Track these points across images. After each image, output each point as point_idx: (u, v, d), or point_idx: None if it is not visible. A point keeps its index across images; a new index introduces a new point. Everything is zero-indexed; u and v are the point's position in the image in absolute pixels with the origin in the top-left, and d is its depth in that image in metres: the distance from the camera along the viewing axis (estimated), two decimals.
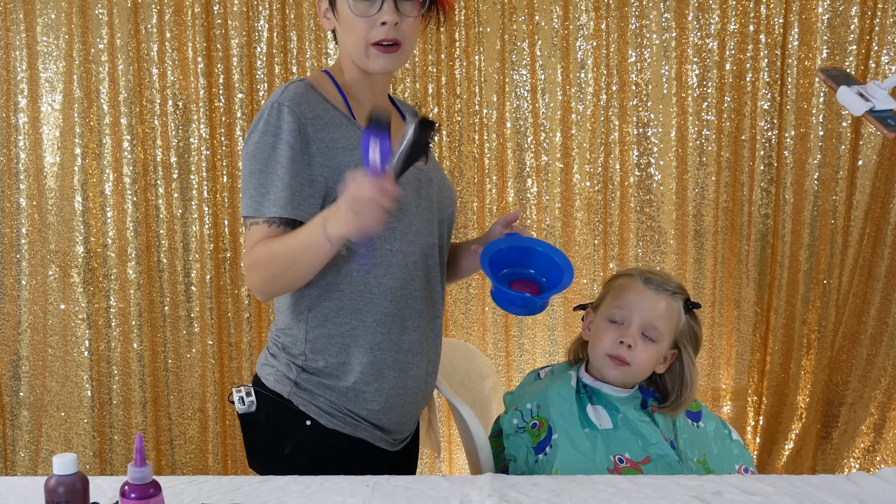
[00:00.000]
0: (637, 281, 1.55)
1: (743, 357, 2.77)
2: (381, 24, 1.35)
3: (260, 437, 1.44)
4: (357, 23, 1.36)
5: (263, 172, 1.31)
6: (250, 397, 1.42)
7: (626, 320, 1.53)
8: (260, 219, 1.31)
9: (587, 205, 2.70)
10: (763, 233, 2.73)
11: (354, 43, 1.38)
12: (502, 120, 2.68)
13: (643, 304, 1.53)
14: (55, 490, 1.00)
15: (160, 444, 2.74)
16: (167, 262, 2.67)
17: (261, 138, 1.32)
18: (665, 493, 1.24)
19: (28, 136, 2.64)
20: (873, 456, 2.73)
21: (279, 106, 1.32)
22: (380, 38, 1.36)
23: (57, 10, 2.59)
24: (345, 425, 1.40)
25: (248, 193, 1.32)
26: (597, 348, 1.55)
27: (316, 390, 1.40)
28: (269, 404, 1.41)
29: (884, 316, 2.70)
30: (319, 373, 1.39)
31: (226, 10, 2.60)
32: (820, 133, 2.64)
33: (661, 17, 2.63)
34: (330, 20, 1.42)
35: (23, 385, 2.70)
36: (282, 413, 1.40)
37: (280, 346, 1.43)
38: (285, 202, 1.30)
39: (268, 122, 1.32)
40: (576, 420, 1.50)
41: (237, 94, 2.63)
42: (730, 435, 1.61)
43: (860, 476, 1.32)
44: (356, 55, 1.39)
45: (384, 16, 1.34)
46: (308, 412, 1.39)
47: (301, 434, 1.40)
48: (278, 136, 1.31)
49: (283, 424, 1.41)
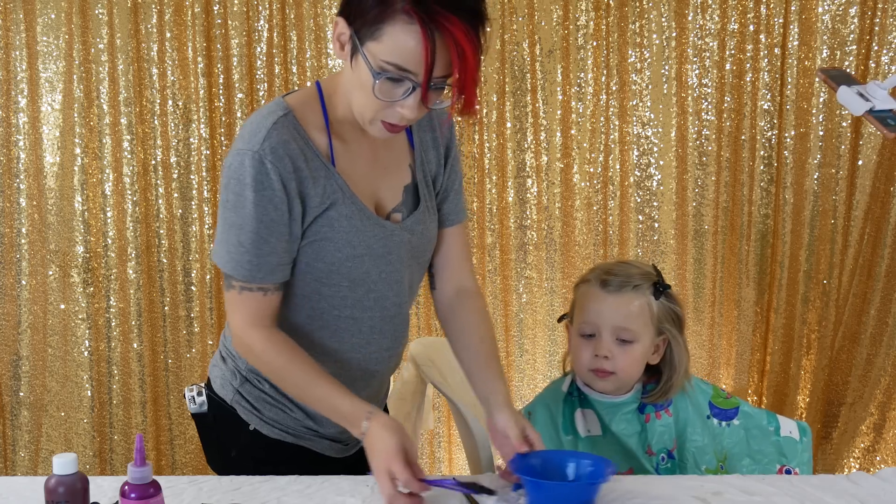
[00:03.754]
0: (595, 287, 1.47)
1: (743, 357, 2.77)
2: (400, 111, 1.18)
3: (210, 438, 1.45)
4: (369, 98, 1.18)
5: (241, 229, 1.22)
6: (201, 397, 1.41)
7: (597, 331, 1.46)
8: (254, 286, 1.25)
9: (587, 205, 2.70)
10: (763, 233, 2.74)
11: (362, 107, 1.20)
12: (502, 120, 2.68)
13: (607, 311, 1.45)
14: (55, 490, 1.00)
15: (160, 444, 2.74)
16: (167, 262, 2.67)
17: (242, 191, 1.20)
18: (665, 493, 1.24)
19: (28, 136, 2.63)
20: (873, 456, 2.73)
21: (260, 159, 1.19)
22: (392, 121, 1.20)
23: (57, 10, 2.59)
24: (286, 435, 1.39)
25: (225, 246, 1.25)
26: (577, 366, 1.50)
27: (256, 403, 1.38)
28: (216, 407, 1.41)
29: (884, 316, 2.70)
30: (261, 384, 1.37)
31: (226, 10, 2.60)
32: (820, 133, 2.64)
33: (661, 17, 2.63)
34: (343, 53, 1.19)
35: (23, 385, 2.70)
36: (226, 417, 1.39)
37: (228, 351, 1.40)
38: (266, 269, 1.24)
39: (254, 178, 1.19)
40: (557, 429, 1.47)
41: (237, 94, 2.63)
42: (777, 431, 1.51)
43: (860, 476, 1.32)
44: (357, 115, 1.23)
45: (408, 109, 1.17)
46: (249, 421, 1.38)
47: (244, 440, 1.39)
48: (262, 193, 1.20)
49: (229, 428, 1.40)
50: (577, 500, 1.16)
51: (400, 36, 1.11)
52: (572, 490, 1.19)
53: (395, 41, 1.12)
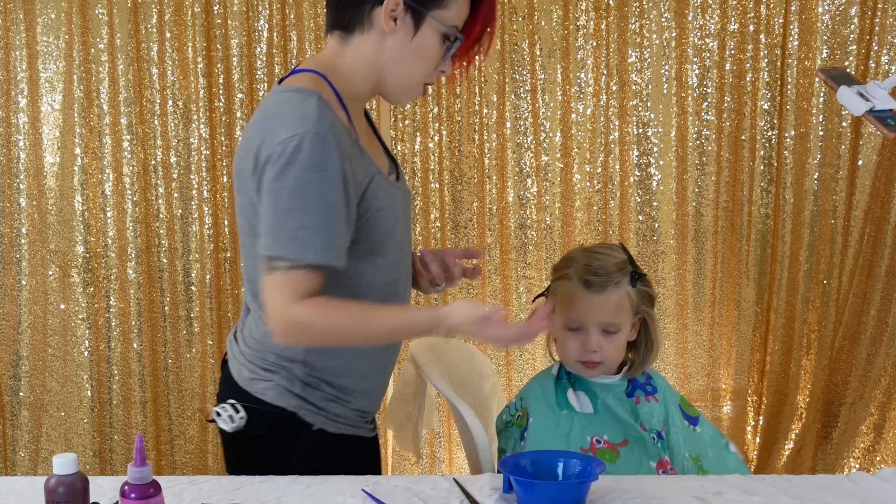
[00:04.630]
0: (578, 287, 1.49)
1: (743, 357, 2.77)
2: (441, 70, 1.35)
3: (258, 451, 1.39)
4: (434, 61, 1.33)
5: (306, 212, 1.21)
6: (240, 413, 1.35)
7: (583, 326, 1.50)
8: (301, 263, 1.22)
9: (587, 205, 2.70)
10: (763, 233, 2.73)
11: (413, 74, 1.34)
12: (502, 120, 2.68)
13: (592, 309, 1.49)
14: (55, 490, 1.00)
15: (160, 444, 2.74)
16: (167, 262, 2.67)
17: (304, 174, 1.20)
18: (665, 493, 1.24)
19: (28, 136, 2.64)
20: (873, 456, 2.73)
21: (320, 137, 1.21)
22: (432, 81, 1.37)
23: (57, 10, 2.59)
24: (349, 427, 1.41)
25: (284, 233, 1.22)
26: (565, 357, 1.54)
27: (321, 404, 1.38)
28: (271, 417, 1.36)
29: (884, 316, 2.70)
30: (321, 385, 1.37)
31: (226, 10, 2.60)
32: (820, 133, 2.64)
33: (661, 17, 2.63)
34: (396, 27, 1.29)
35: (23, 385, 2.70)
36: (285, 424, 1.36)
37: (274, 360, 1.37)
38: (335, 249, 1.24)
39: (314, 157, 1.20)
40: (552, 403, 1.51)
41: (237, 94, 2.63)
42: (727, 446, 1.59)
43: (860, 476, 1.32)
44: (399, 83, 1.34)
45: (447, 67, 1.36)
46: (314, 422, 1.37)
47: (308, 440, 1.37)
48: (324, 174, 1.21)
49: (288, 435, 1.37)
50: (568, 500, 1.17)
51: (462, 3, 1.31)
52: (562, 489, 1.19)
53: (459, 7, 1.31)
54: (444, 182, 2.69)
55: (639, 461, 1.46)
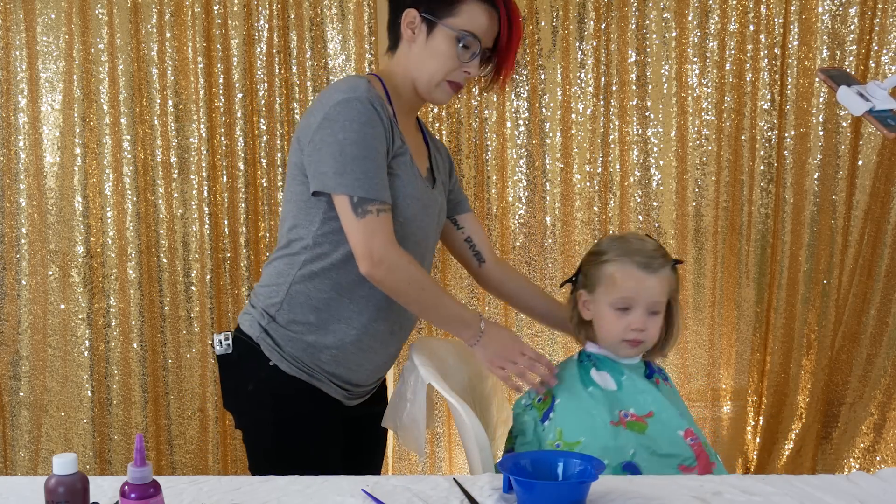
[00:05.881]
0: (633, 268, 1.56)
1: (743, 357, 2.77)
2: (465, 71, 1.56)
3: (231, 376, 1.62)
4: (450, 61, 1.55)
5: (370, 159, 1.45)
6: (227, 340, 1.60)
7: (632, 306, 1.56)
8: (388, 206, 1.47)
9: (587, 205, 2.70)
10: (763, 233, 2.73)
11: (433, 72, 1.56)
12: (502, 120, 2.68)
13: (646, 290, 1.56)
14: (55, 490, 1.00)
15: (160, 444, 2.74)
16: (167, 262, 2.67)
17: (363, 128, 1.44)
18: (664, 493, 1.24)
19: (28, 136, 2.64)
20: (873, 456, 2.73)
21: (370, 102, 1.45)
22: (458, 80, 1.57)
23: (57, 10, 2.59)
24: (301, 373, 1.56)
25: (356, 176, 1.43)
26: (608, 335, 1.59)
27: (280, 340, 1.56)
28: (241, 345, 1.59)
29: (884, 316, 2.70)
30: (288, 325, 1.55)
31: (226, 10, 2.60)
32: (820, 133, 2.64)
33: (661, 17, 2.63)
34: (414, 35, 1.56)
35: (23, 385, 2.70)
36: (249, 354, 1.57)
37: (259, 297, 1.60)
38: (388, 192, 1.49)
39: (369, 116, 1.45)
40: (577, 382, 1.55)
41: (237, 94, 2.63)
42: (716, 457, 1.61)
43: (860, 476, 1.32)
44: (425, 81, 1.57)
45: (472, 68, 1.56)
46: (270, 357, 1.55)
47: (264, 374, 1.55)
48: (377, 129, 1.46)
49: (250, 364, 1.57)
50: (568, 500, 1.17)
51: (475, 11, 1.53)
52: (562, 489, 1.19)
53: (470, 15, 1.53)
54: None
55: (667, 430, 1.50)
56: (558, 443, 1.47)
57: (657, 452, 1.47)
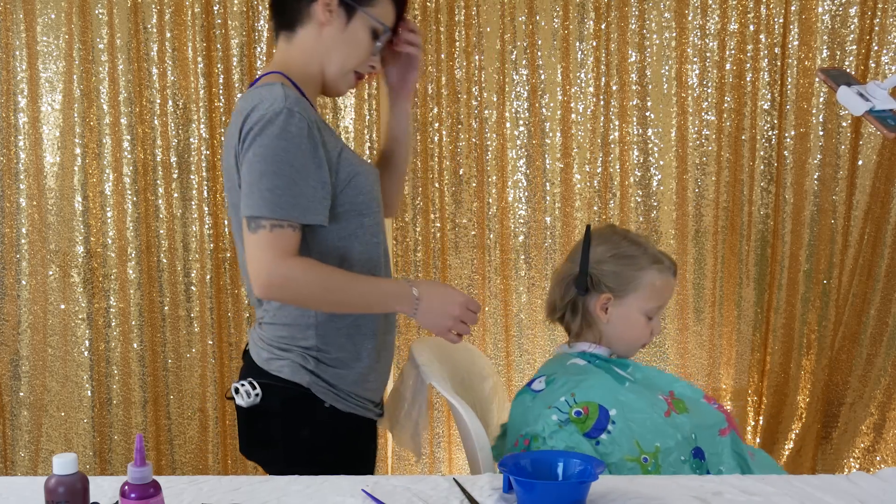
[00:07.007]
0: (669, 276, 1.60)
1: (743, 357, 2.77)
2: (371, 65, 1.53)
3: (267, 427, 1.50)
4: (364, 51, 1.50)
5: (279, 175, 1.34)
6: (255, 390, 1.46)
7: (659, 311, 1.62)
8: (285, 223, 1.35)
9: (587, 205, 2.70)
10: (763, 233, 2.73)
11: (346, 60, 1.50)
12: (502, 120, 2.68)
13: (672, 294, 1.64)
14: (55, 490, 1.00)
15: (160, 444, 2.74)
16: (167, 262, 2.67)
17: (275, 142, 1.34)
18: (665, 493, 1.24)
19: (28, 136, 2.64)
20: (873, 456, 2.73)
21: (289, 111, 1.36)
22: (364, 72, 1.54)
23: (57, 10, 2.59)
24: (357, 408, 1.53)
25: (261, 195, 1.34)
26: (631, 339, 1.61)
27: (332, 380, 1.49)
28: (284, 394, 1.47)
29: (884, 316, 2.70)
30: (334, 363, 1.49)
31: (226, 10, 2.60)
32: (820, 133, 2.64)
33: (661, 17, 2.63)
34: (331, 17, 1.47)
35: (23, 385, 2.70)
36: (300, 401, 1.47)
37: (288, 341, 1.49)
38: (300, 208, 1.36)
39: (282, 128, 1.35)
40: (615, 385, 1.53)
41: (237, 94, 2.63)
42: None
43: (860, 476, 1.32)
44: (336, 69, 1.50)
45: (375, 62, 1.54)
46: (325, 399, 1.48)
47: (320, 417, 1.48)
48: (292, 142, 1.35)
49: (301, 410, 1.48)
50: (568, 500, 1.17)
51: (388, 5, 1.50)
52: (562, 489, 1.19)
53: (384, 8, 1.49)
54: (444, 182, 2.69)
55: (694, 400, 1.54)
56: (644, 457, 1.43)
57: (702, 425, 1.49)
